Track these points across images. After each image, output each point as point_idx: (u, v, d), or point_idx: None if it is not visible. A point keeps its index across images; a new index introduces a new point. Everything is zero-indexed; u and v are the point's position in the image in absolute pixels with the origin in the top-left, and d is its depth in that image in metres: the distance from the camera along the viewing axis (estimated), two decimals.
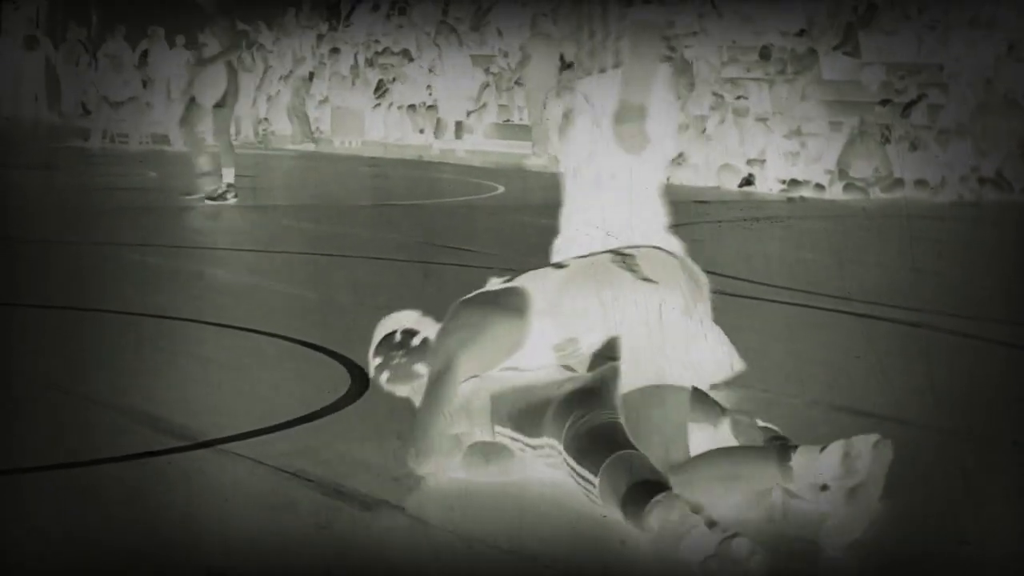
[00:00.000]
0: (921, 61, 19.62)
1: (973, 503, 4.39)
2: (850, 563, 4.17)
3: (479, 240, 10.92)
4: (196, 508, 4.10)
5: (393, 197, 13.77)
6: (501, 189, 16.14)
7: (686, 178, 17.91)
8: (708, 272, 6.99)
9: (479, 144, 23.26)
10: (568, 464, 4.22)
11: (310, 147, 23.50)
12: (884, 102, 17.89)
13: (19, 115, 25.45)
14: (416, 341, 4.66)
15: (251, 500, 4.15)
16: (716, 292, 4.79)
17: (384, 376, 4.66)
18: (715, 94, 19.27)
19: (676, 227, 5.39)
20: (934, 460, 4.82)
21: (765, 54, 20.37)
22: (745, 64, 21.23)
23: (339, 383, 5.53)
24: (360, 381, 5.53)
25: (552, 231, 5.11)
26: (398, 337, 4.68)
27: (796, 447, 4.16)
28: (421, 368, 4.61)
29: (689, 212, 14.21)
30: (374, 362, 4.69)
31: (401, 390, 4.70)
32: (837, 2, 21.66)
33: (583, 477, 4.15)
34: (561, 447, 4.24)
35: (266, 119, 24.82)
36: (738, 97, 18.69)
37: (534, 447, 4.40)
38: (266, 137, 24.29)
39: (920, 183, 16.77)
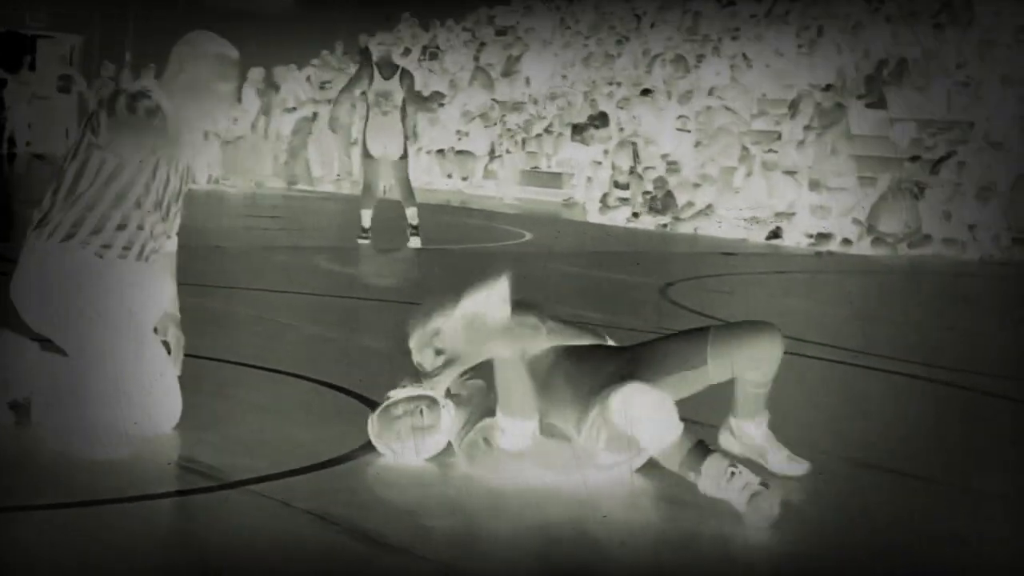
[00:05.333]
0: (952, 118, 19.65)
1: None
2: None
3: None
4: (223, 549, 4.11)
5: (422, 242, 13.80)
6: (528, 236, 16.18)
7: (713, 230, 17.94)
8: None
9: (506, 190, 23.34)
10: None
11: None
12: (914, 158, 17.90)
13: (52, 152, 25.61)
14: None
15: (278, 543, 4.16)
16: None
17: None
18: (744, 147, 19.32)
19: (704, 278, 5.44)
20: (954, 519, 4.81)
21: (794, 107, 20.43)
22: (774, 117, 21.29)
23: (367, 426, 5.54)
24: None
25: (579, 278, 5.16)
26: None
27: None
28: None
29: (716, 264, 14.22)
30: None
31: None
32: (865, 57, 21.72)
33: None
34: None
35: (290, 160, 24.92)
36: (767, 151, 18.72)
37: None
38: (294, 179, 24.40)
39: (948, 240, 16.76)
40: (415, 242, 13.86)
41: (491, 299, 4.91)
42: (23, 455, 4.95)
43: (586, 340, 5.19)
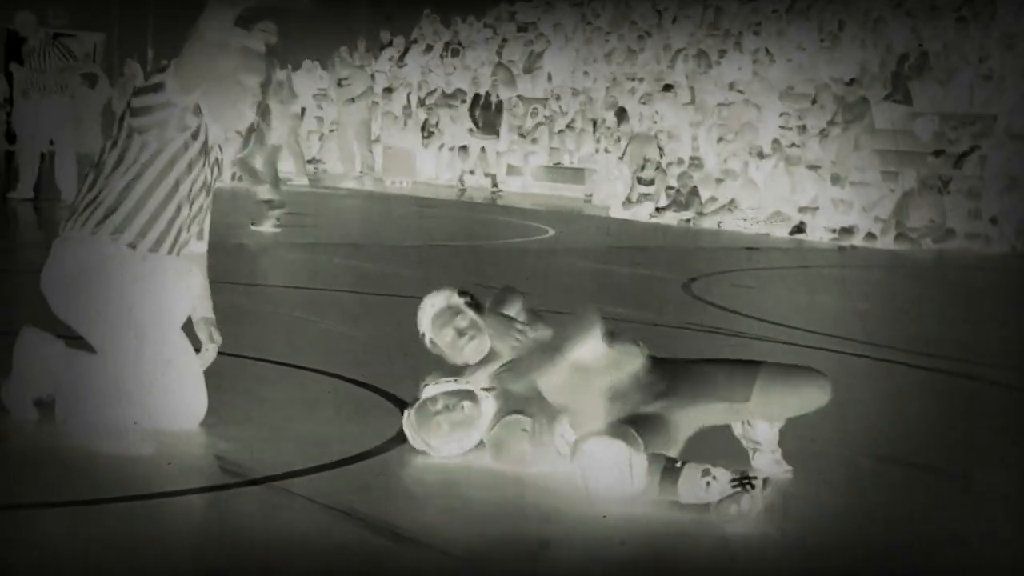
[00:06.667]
0: (975, 112, 19.58)
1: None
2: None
3: (529, 283, 10.93)
4: (247, 544, 4.12)
5: (443, 238, 13.82)
6: (551, 232, 16.17)
7: (736, 224, 17.91)
8: (756, 319, 6.93)
9: (529, 186, 23.31)
10: None
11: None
12: (937, 153, 17.85)
13: (78, 150, 25.68)
14: None
15: (303, 538, 4.18)
16: (766, 339, 4.84)
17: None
18: (773, 140, 19.27)
19: (728, 273, 5.43)
20: (970, 516, 4.80)
21: (816, 102, 20.38)
22: (798, 112, 21.24)
23: (391, 422, 5.55)
24: None
25: (602, 275, 5.17)
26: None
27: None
28: None
29: (739, 259, 14.20)
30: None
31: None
32: (888, 51, 21.66)
33: None
34: None
35: (316, 158, 24.93)
36: (790, 145, 18.68)
37: None
38: (316, 176, 24.42)
39: (972, 235, 16.71)
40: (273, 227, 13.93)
41: (588, 343, 4.89)
42: (47, 452, 4.97)
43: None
